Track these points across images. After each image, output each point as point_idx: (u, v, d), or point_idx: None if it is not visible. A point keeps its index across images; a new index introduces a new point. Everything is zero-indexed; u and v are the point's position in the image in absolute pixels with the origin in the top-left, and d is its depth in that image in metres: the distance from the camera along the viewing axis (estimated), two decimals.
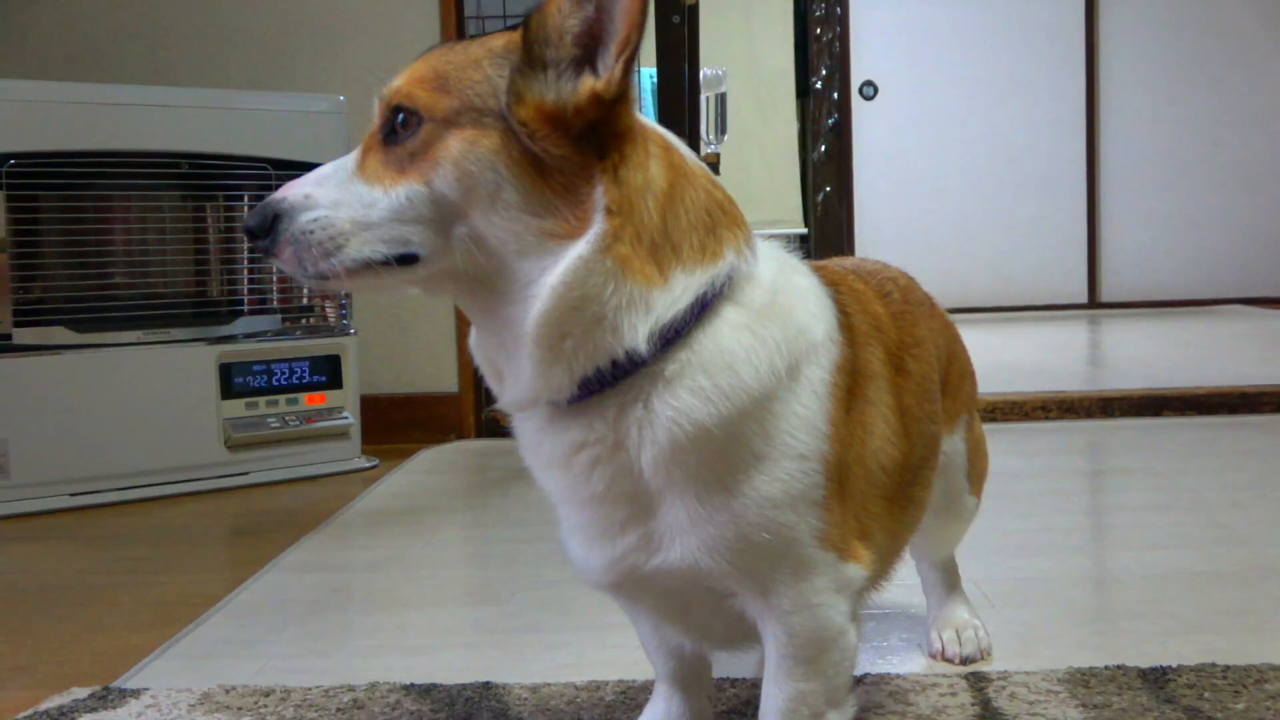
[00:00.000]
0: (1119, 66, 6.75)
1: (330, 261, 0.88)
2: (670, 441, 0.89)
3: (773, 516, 0.91)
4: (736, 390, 0.89)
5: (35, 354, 2.48)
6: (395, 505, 2.43)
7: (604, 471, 0.91)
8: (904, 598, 1.61)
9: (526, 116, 0.87)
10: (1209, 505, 2.14)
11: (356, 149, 0.93)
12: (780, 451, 0.91)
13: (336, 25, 3.25)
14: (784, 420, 0.91)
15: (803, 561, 0.94)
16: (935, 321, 1.24)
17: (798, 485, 0.92)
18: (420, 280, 0.92)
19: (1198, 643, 1.42)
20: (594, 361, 0.88)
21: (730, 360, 0.89)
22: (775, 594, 0.94)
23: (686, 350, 0.88)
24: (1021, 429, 3.06)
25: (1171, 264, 6.77)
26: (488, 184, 0.86)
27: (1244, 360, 4.04)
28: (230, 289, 2.80)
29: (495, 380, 0.95)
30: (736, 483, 0.90)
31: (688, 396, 0.88)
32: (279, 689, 1.36)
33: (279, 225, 0.89)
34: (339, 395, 2.85)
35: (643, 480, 0.91)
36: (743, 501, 0.90)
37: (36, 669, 1.51)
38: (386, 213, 0.88)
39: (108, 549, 2.17)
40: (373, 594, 1.81)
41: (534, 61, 0.87)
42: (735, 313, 0.91)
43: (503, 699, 1.31)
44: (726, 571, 0.93)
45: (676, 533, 0.92)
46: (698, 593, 0.97)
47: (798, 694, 0.98)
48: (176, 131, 2.64)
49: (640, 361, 0.88)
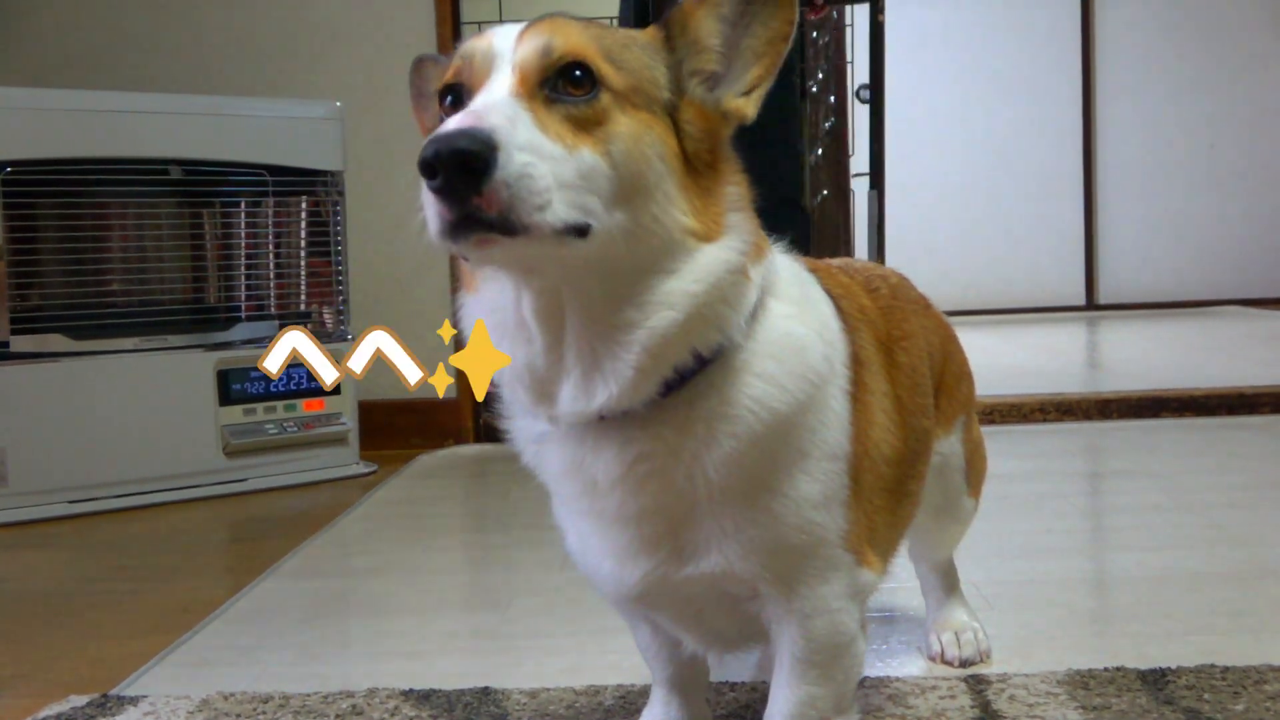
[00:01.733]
0: (1115, 69, 6.76)
1: (542, 215, 0.76)
2: (749, 432, 0.87)
3: (810, 517, 0.92)
4: (807, 374, 0.89)
5: (33, 362, 2.48)
6: (393, 511, 2.43)
7: (657, 481, 0.88)
8: (903, 600, 1.61)
9: (691, 115, 0.86)
10: (1207, 506, 2.13)
11: (503, 83, 0.81)
12: (820, 450, 0.92)
13: (332, 32, 3.25)
14: (825, 416, 0.92)
15: (828, 563, 0.94)
16: (928, 320, 1.24)
17: (832, 485, 0.93)
18: (577, 259, 0.81)
19: (1197, 644, 1.42)
20: (683, 360, 0.85)
21: (797, 344, 0.89)
22: (799, 597, 0.94)
23: (752, 340, 0.88)
24: (1020, 431, 3.06)
25: (1169, 265, 6.78)
26: (655, 172, 0.83)
27: (1241, 361, 4.05)
28: (228, 295, 2.80)
29: (537, 393, 0.87)
30: (779, 483, 0.90)
31: (759, 383, 0.87)
32: (278, 695, 1.36)
33: (495, 159, 0.74)
34: (337, 401, 2.85)
35: (694, 487, 0.88)
36: (783, 502, 0.90)
37: (35, 677, 1.51)
38: (575, 175, 0.79)
39: (106, 556, 2.16)
40: (371, 600, 1.81)
41: (679, 65, 0.87)
42: (780, 305, 0.91)
43: (501, 704, 1.31)
44: (759, 575, 0.92)
45: (716, 539, 0.91)
46: (717, 597, 0.96)
47: (809, 697, 0.98)
48: (173, 138, 2.64)
49: (720, 352, 0.86)
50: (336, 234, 2.87)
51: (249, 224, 2.80)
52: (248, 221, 2.80)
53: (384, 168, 3.16)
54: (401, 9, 3.26)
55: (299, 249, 2.89)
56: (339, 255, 2.88)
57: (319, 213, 2.86)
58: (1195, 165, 6.75)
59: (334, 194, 2.85)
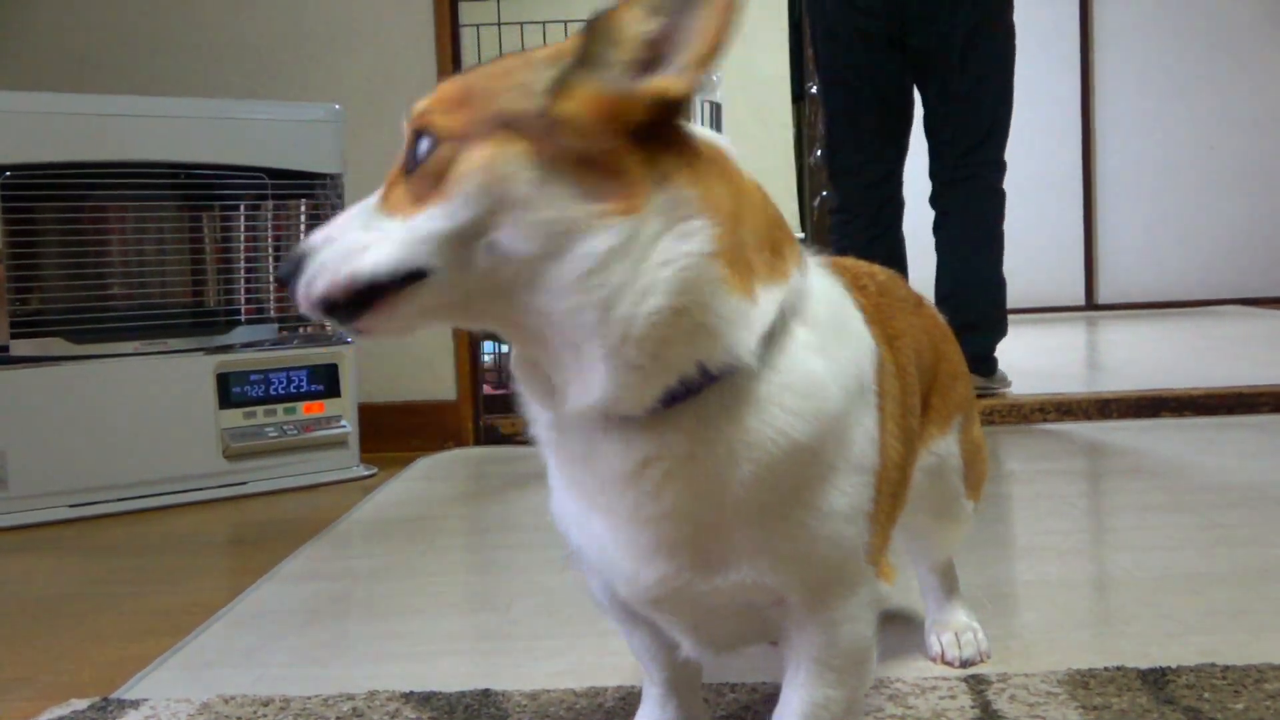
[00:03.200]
0: (1114, 69, 6.77)
1: (325, 281, 0.83)
2: (770, 458, 0.86)
3: (840, 530, 0.91)
4: (827, 409, 0.88)
5: (33, 365, 2.48)
6: (394, 513, 2.43)
7: (676, 487, 0.86)
8: (902, 601, 1.61)
9: (572, 109, 0.81)
10: (1207, 506, 2.14)
11: (382, 187, 0.89)
12: (849, 464, 0.91)
13: (332, 34, 3.25)
14: (854, 431, 0.92)
15: (855, 574, 0.95)
16: (919, 319, 1.23)
17: (860, 498, 0.92)
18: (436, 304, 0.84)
19: (1197, 643, 1.42)
20: (685, 370, 0.83)
21: (818, 382, 0.88)
22: (827, 608, 0.95)
23: (771, 370, 0.86)
24: (1019, 431, 3.06)
25: (1168, 265, 6.78)
26: (523, 182, 0.81)
27: (1241, 361, 4.05)
28: (227, 298, 2.80)
29: (544, 393, 0.88)
30: (814, 497, 0.90)
31: (783, 415, 0.86)
32: (278, 698, 1.36)
33: (302, 266, 0.85)
34: (337, 404, 2.85)
35: (723, 498, 0.87)
36: (816, 515, 0.90)
37: (36, 680, 1.51)
38: (405, 236, 0.83)
39: (106, 560, 2.16)
40: (371, 602, 1.81)
41: (591, 60, 0.83)
42: (807, 333, 0.88)
43: (502, 706, 1.31)
44: (790, 586, 0.92)
45: (747, 551, 0.90)
46: (738, 605, 0.95)
47: (824, 699, 0.98)
48: (173, 142, 2.64)
49: (731, 372, 0.84)
50: None
51: (248, 227, 2.80)
52: (247, 225, 2.80)
53: (383, 171, 3.14)
54: (401, 12, 3.26)
55: None
56: None
57: (318, 215, 2.87)
58: (1195, 165, 6.75)
59: (333, 197, 2.85)
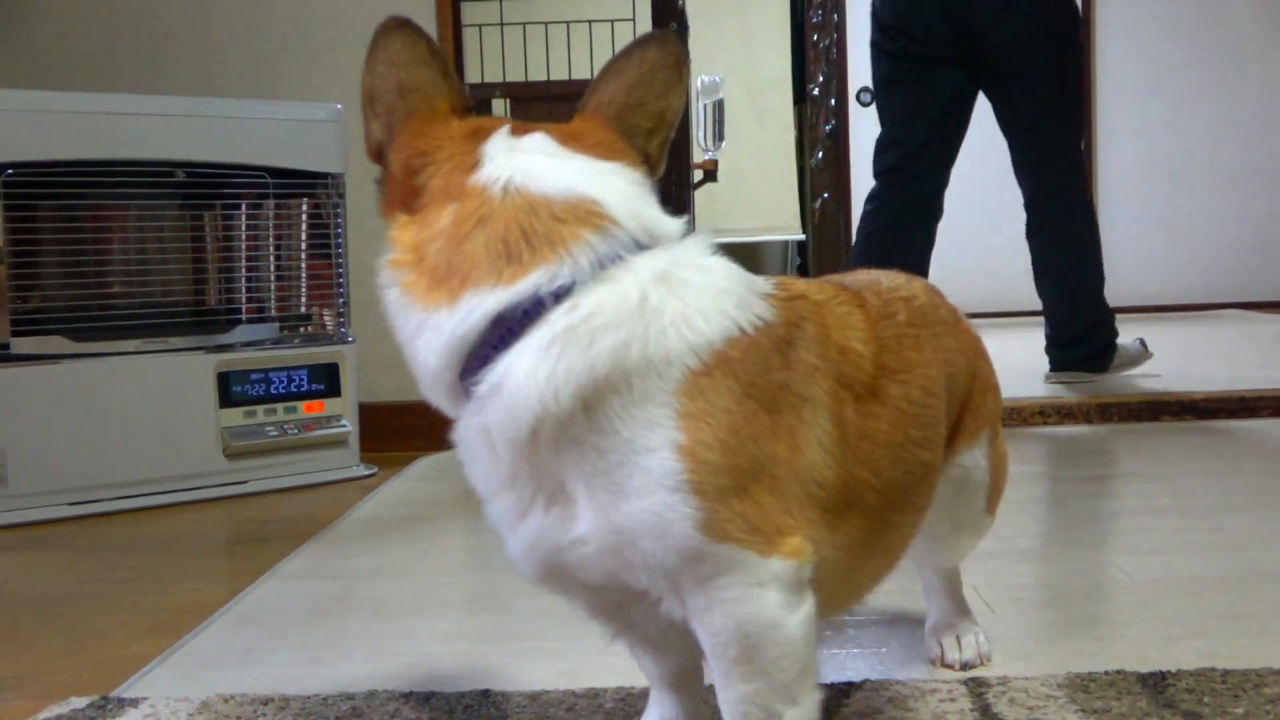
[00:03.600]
0: (1116, 72, 6.77)
1: None
2: (513, 444, 0.94)
3: (641, 506, 0.92)
4: (525, 410, 0.90)
5: (34, 363, 2.48)
6: (394, 513, 2.43)
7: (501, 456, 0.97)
8: (902, 604, 1.61)
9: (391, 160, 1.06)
10: (1208, 510, 2.14)
11: None
12: (628, 447, 0.92)
13: (333, 33, 3.25)
14: (600, 418, 0.92)
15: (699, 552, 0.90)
16: (954, 340, 1.22)
17: (659, 476, 0.91)
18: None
19: (1197, 647, 1.42)
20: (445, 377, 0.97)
21: (520, 382, 0.90)
22: (695, 592, 0.92)
23: (492, 371, 0.91)
24: (1019, 434, 3.06)
25: (1169, 268, 6.78)
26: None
27: (1242, 365, 4.05)
28: (228, 297, 2.80)
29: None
30: (598, 473, 0.93)
31: (493, 413, 0.93)
32: (278, 697, 1.36)
33: None
34: (337, 403, 2.85)
35: (520, 464, 0.96)
36: (612, 492, 0.93)
37: (35, 678, 1.51)
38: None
39: (106, 558, 2.16)
40: (371, 602, 1.81)
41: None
42: (540, 333, 0.90)
43: (502, 706, 1.31)
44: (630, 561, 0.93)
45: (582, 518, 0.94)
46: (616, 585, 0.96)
47: (743, 695, 0.94)
48: (174, 140, 2.64)
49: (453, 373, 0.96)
50: (337, 236, 2.87)
51: (249, 226, 2.80)
52: (248, 224, 2.80)
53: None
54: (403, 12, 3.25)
55: (300, 251, 2.90)
56: (339, 257, 2.88)
57: (320, 215, 2.87)
58: (1196, 169, 6.74)
59: (335, 196, 2.85)
